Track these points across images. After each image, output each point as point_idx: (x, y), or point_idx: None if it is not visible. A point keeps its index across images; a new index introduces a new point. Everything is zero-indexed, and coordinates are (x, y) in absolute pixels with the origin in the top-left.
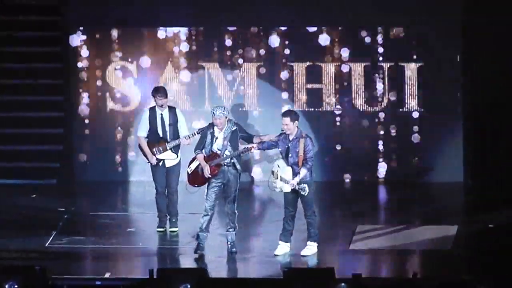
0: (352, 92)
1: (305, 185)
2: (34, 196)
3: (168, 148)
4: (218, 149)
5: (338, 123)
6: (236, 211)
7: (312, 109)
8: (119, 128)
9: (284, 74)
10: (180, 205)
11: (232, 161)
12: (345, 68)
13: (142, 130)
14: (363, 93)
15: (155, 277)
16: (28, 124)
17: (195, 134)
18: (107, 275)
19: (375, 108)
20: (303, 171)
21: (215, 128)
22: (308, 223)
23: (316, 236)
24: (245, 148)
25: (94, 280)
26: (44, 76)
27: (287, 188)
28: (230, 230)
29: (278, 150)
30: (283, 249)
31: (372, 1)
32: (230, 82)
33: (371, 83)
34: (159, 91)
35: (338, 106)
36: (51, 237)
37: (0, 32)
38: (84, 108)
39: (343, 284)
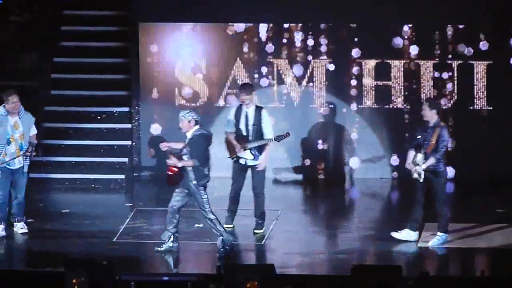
0: (420, 90)
1: (421, 171)
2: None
3: (247, 147)
4: (182, 150)
5: (406, 120)
6: (211, 217)
7: (381, 106)
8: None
9: (353, 71)
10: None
11: (188, 171)
12: (414, 66)
13: (227, 125)
14: (432, 90)
15: (222, 273)
16: (97, 119)
17: (272, 141)
18: (174, 271)
19: (444, 105)
20: (431, 160)
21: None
22: (437, 213)
23: (446, 227)
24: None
25: (161, 276)
26: (113, 71)
27: (415, 175)
28: (219, 236)
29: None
30: (401, 234)
31: None
32: (298, 78)
33: (440, 81)
34: (242, 88)
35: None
36: (119, 232)
37: (70, 27)
38: (152, 103)
39: None
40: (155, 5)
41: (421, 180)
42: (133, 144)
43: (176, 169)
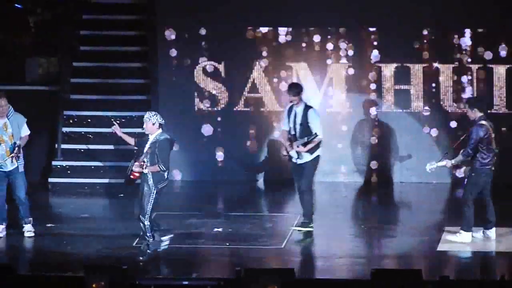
0: (440, 94)
1: (433, 165)
2: (121, 195)
3: (294, 146)
4: (143, 153)
5: (426, 125)
6: (147, 223)
7: (400, 110)
8: (207, 128)
9: (372, 75)
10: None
11: (146, 173)
12: (433, 69)
13: (283, 123)
14: (451, 94)
15: (242, 277)
16: (116, 124)
17: (308, 139)
18: (194, 275)
19: (463, 109)
20: (458, 157)
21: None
22: (462, 211)
23: (466, 226)
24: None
25: (181, 280)
26: (132, 76)
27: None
28: (143, 239)
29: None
30: (455, 237)
31: (461, 3)
32: (318, 82)
33: (460, 85)
34: (289, 88)
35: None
36: (138, 237)
37: (89, 31)
38: (171, 107)
39: None
40: (174, 10)
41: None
42: None
43: (138, 174)
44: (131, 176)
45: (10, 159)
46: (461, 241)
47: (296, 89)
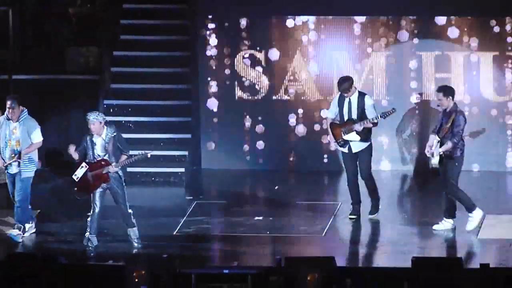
0: (480, 82)
1: (431, 156)
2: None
3: (354, 129)
4: (99, 155)
5: (466, 113)
6: (129, 211)
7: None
8: (247, 116)
9: (412, 64)
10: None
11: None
12: (474, 58)
13: (329, 112)
14: (491, 83)
15: (282, 265)
16: (156, 113)
17: (378, 118)
18: (234, 263)
19: (503, 97)
20: (447, 145)
21: (93, 134)
22: (456, 199)
23: (470, 207)
24: (141, 153)
25: (221, 269)
26: (172, 65)
27: (434, 160)
28: (130, 227)
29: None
30: (442, 225)
31: None
32: (358, 71)
33: (500, 73)
34: (338, 84)
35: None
36: (179, 225)
37: (129, 20)
38: (212, 96)
39: None
40: None
41: (432, 165)
42: (193, 136)
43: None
44: (105, 182)
45: (11, 163)
46: (478, 222)
47: (345, 83)
